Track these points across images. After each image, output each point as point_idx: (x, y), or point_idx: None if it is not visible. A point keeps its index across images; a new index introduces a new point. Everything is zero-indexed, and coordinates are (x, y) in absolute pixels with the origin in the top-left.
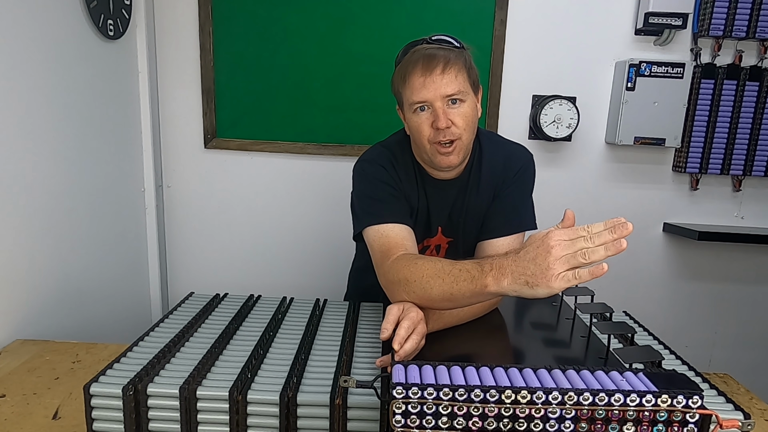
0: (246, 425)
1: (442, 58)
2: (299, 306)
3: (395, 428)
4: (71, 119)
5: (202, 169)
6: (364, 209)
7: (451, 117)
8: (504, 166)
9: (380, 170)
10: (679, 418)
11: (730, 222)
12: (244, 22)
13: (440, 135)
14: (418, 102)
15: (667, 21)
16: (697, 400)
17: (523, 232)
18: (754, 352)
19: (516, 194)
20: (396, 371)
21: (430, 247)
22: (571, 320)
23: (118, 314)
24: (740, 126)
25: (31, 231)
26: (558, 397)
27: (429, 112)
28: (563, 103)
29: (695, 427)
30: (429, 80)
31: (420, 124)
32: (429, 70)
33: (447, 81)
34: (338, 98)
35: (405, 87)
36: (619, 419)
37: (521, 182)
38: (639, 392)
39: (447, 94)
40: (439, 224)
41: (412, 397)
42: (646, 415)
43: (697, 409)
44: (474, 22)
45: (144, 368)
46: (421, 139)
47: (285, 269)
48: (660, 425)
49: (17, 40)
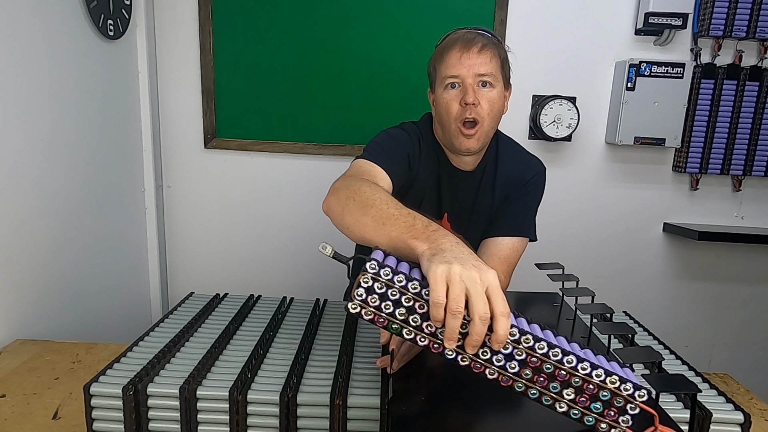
0: (246, 425)
1: (481, 41)
2: (299, 306)
3: (354, 299)
4: (71, 119)
5: (202, 169)
6: (368, 150)
7: (479, 97)
8: (519, 173)
9: (405, 136)
10: (621, 404)
11: (730, 222)
12: (244, 22)
13: (466, 111)
14: (451, 76)
15: (667, 21)
16: (644, 394)
17: (526, 238)
18: (754, 352)
19: (526, 200)
20: (376, 253)
21: None
22: (571, 321)
23: (118, 314)
24: (740, 126)
25: (31, 231)
26: (516, 335)
27: (459, 90)
28: (563, 103)
29: (631, 419)
30: (465, 56)
31: (449, 101)
32: (467, 48)
33: (482, 61)
34: (338, 98)
35: (441, 63)
36: (563, 381)
37: (533, 190)
38: (592, 364)
39: (479, 73)
40: (446, 210)
41: (382, 276)
42: (590, 388)
43: (640, 402)
44: (474, 22)
45: (144, 368)
46: (447, 117)
47: (285, 269)
48: (599, 403)
49: (17, 40)
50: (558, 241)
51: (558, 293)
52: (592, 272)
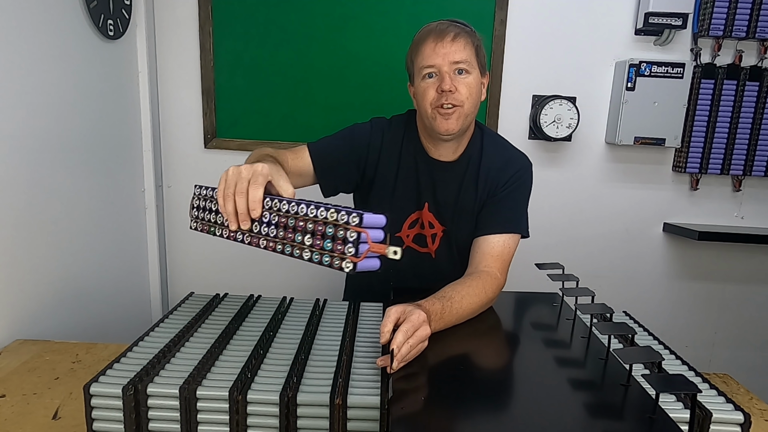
0: (246, 425)
1: (453, 30)
2: (299, 306)
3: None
4: (71, 119)
5: (202, 169)
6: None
7: (456, 84)
8: (502, 167)
9: (363, 130)
10: (342, 234)
11: (730, 222)
12: (244, 22)
13: (443, 98)
14: (427, 66)
15: (667, 21)
16: (356, 217)
17: (517, 234)
18: (754, 352)
19: (513, 196)
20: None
21: (419, 221)
22: (571, 321)
23: (118, 314)
24: (740, 126)
25: (31, 231)
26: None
27: (436, 78)
28: (563, 103)
29: (353, 246)
30: (439, 46)
31: (426, 89)
32: (441, 38)
33: (455, 49)
34: (338, 98)
35: (417, 55)
36: (302, 230)
37: (519, 186)
38: (317, 204)
39: (454, 61)
40: (427, 200)
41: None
42: (320, 228)
43: (353, 226)
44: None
45: (144, 368)
46: (425, 104)
47: (285, 269)
48: (329, 241)
49: (17, 40)
50: (558, 241)
51: (558, 293)
52: (592, 272)
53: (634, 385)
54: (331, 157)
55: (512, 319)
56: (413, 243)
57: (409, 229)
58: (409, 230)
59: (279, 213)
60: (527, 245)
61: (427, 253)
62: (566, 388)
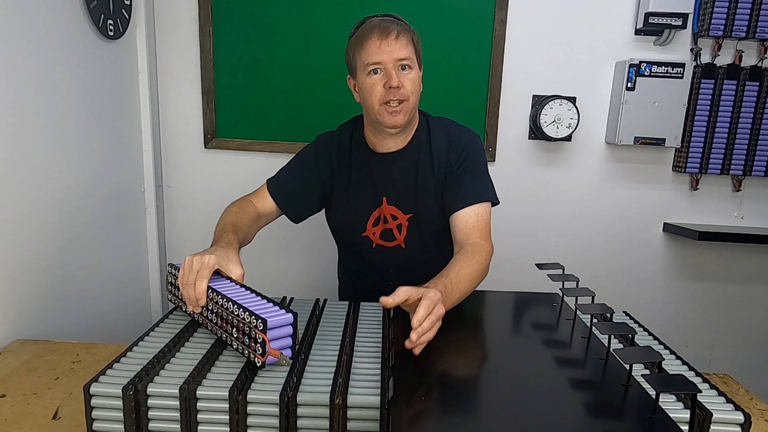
0: (246, 425)
1: (395, 29)
2: (299, 306)
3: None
4: (71, 119)
5: (202, 169)
6: (282, 169)
7: (401, 80)
8: (451, 145)
9: (311, 154)
10: (254, 335)
11: (730, 222)
12: (244, 22)
13: (391, 94)
14: (373, 63)
15: (667, 21)
16: (260, 324)
17: (488, 203)
18: (754, 352)
19: (470, 169)
20: None
21: (381, 217)
22: (571, 321)
23: (118, 314)
24: (740, 126)
25: (31, 231)
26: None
27: (381, 74)
28: (563, 103)
29: (260, 346)
30: (384, 44)
31: (373, 85)
32: (385, 36)
33: (400, 46)
34: (338, 98)
35: (361, 51)
36: (231, 323)
37: (472, 158)
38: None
39: (399, 58)
40: (384, 195)
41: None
42: (241, 326)
43: (259, 331)
44: (474, 22)
45: (144, 368)
46: (372, 100)
47: (285, 269)
48: (247, 337)
49: (17, 40)
50: (558, 241)
51: (558, 293)
52: (592, 272)
53: (634, 385)
54: (289, 189)
55: (512, 319)
56: (381, 240)
57: (374, 227)
58: (373, 228)
59: (216, 304)
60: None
61: (396, 245)
62: (566, 388)
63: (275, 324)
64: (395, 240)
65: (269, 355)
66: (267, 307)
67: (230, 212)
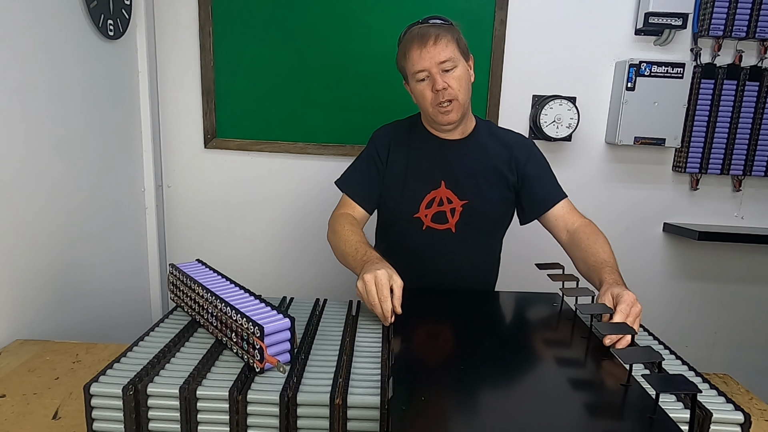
0: (246, 425)
1: (433, 33)
2: (299, 306)
3: (170, 291)
4: (71, 119)
5: (202, 169)
6: (344, 178)
7: (447, 80)
8: (515, 141)
9: (372, 148)
10: (252, 341)
11: (730, 222)
12: (244, 22)
13: (439, 96)
14: (417, 71)
15: (667, 21)
16: (258, 331)
17: (566, 197)
18: (754, 352)
19: (544, 170)
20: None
21: (436, 199)
22: (571, 321)
23: (118, 314)
24: (740, 126)
25: (31, 231)
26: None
27: (429, 80)
28: (563, 103)
29: (257, 351)
30: (425, 51)
31: (423, 90)
32: (424, 43)
33: (439, 50)
34: (338, 98)
35: (406, 61)
36: (231, 328)
37: (540, 161)
38: (240, 312)
39: (440, 61)
40: (443, 178)
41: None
42: (240, 331)
43: (255, 337)
44: (474, 22)
45: (144, 368)
46: (424, 104)
47: (285, 269)
48: (245, 342)
49: (17, 40)
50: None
51: (558, 293)
52: None
53: (634, 385)
54: (366, 187)
55: (512, 319)
56: (432, 222)
57: (427, 209)
58: (426, 210)
59: (216, 308)
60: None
61: (447, 228)
62: (566, 388)
63: (272, 330)
64: (447, 223)
65: (267, 362)
66: (264, 311)
67: (346, 231)
